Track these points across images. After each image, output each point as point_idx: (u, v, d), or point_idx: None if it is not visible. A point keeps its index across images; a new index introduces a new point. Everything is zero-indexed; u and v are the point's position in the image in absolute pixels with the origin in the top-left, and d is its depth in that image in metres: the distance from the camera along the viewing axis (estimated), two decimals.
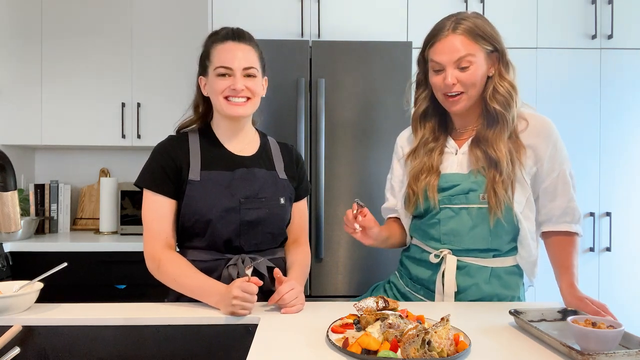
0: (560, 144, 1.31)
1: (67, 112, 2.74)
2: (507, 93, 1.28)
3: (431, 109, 1.39)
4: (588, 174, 2.41)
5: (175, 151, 1.33)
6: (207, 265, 1.29)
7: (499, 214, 1.25)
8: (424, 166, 1.35)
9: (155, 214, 1.28)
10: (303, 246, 1.45)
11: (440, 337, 0.85)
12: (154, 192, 1.29)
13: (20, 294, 1.14)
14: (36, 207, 2.81)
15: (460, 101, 1.29)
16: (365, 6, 2.38)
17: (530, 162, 1.29)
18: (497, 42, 1.28)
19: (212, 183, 1.29)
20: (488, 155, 1.27)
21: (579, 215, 1.31)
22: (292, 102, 2.15)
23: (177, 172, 1.30)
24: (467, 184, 1.30)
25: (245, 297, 1.10)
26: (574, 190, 1.31)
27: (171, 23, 2.76)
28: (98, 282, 2.39)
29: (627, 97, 2.43)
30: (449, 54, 1.26)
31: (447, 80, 1.26)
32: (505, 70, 1.29)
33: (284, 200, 1.36)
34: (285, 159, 1.44)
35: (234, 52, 1.30)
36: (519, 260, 1.32)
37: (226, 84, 1.29)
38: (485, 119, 1.32)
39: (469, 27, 1.26)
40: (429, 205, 1.33)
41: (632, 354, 0.83)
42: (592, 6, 2.41)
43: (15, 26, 2.72)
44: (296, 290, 1.18)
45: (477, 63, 1.26)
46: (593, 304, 1.13)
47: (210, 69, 1.32)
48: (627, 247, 2.42)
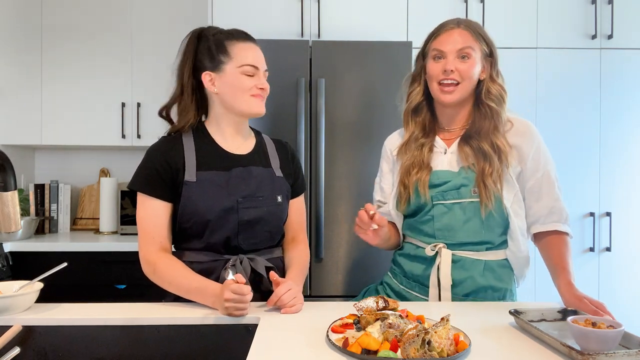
0: (543, 146, 1.36)
1: (67, 112, 2.74)
2: (499, 94, 1.35)
3: (423, 105, 1.43)
4: (588, 174, 2.41)
5: (170, 153, 1.30)
6: (205, 266, 1.28)
7: (490, 206, 1.28)
8: (414, 160, 1.38)
9: (150, 218, 1.27)
10: (301, 244, 1.44)
11: (440, 337, 0.85)
12: (148, 195, 1.27)
13: (20, 294, 1.14)
14: (36, 207, 2.81)
15: (455, 92, 1.33)
16: (365, 6, 2.38)
17: (515, 162, 1.33)
18: (494, 47, 1.36)
19: (209, 183, 1.28)
20: (479, 149, 1.31)
21: (566, 215, 1.34)
22: (292, 102, 2.15)
23: (171, 174, 1.28)
24: (459, 180, 1.33)
25: (237, 299, 1.09)
26: (559, 190, 1.35)
27: (171, 23, 2.76)
28: (98, 282, 2.39)
29: (627, 97, 2.43)
30: (452, 43, 1.32)
31: (448, 65, 1.31)
32: (496, 76, 1.37)
33: (281, 199, 1.35)
34: (281, 156, 1.43)
35: (257, 52, 1.33)
36: (508, 255, 1.35)
37: (253, 82, 1.30)
38: (475, 117, 1.37)
39: (472, 25, 1.36)
40: (420, 202, 1.35)
41: (632, 354, 0.83)
42: (592, 6, 2.41)
43: (16, 26, 2.71)
44: (294, 291, 1.18)
45: (475, 58, 1.33)
46: (592, 304, 1.13)
47: (228, 66, 1.30)
48: (627, 247, 2.41)
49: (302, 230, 1.47)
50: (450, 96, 1.33)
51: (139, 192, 1.29)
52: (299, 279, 1.33)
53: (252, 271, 1.29)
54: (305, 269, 1.39)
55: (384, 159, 1.53)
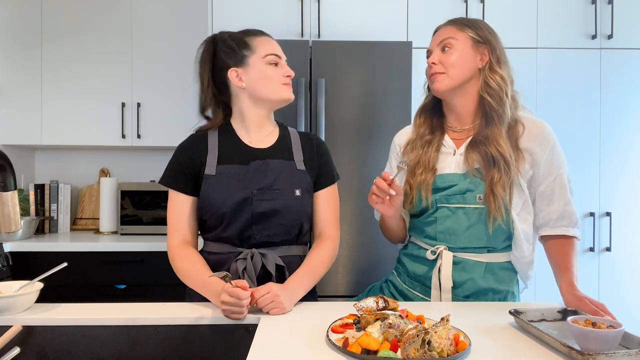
0: (557, 148, 1.33)
1: (67, 112, 2.74)
2: (498, 86, 1.31)
3: (431, 105, 1.45)
4: (588, 174, 2.41)
5: (194, 149, 1.36)
6: (219, 257, 1.32)
7: (499, 219, 1.26)
8: (419, 160, 1.37)
9: (174, 211, 1.34)
10: (327, 240, 1.38)
11: (440, 337, 0.85)
12: (173, 189, 1.34)
13: (20, 294, 1.14)
14: (36, 207, 2.81)
15: (440, 80, 1.34)
16: (365, 6, 2.38)
17: (527, 166, 1.31)
18: (488, 33, 1.35)
19: (227, 177, 1.31)
20: (487, 154, 1.28)
21: (576, 219, 1.32)
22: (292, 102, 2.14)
23: (195, 169, 1.33)
24: (464, 184, 1.31)
25: (233, 302, 1.09)
26: (571, 194, 1.33)
27: (171, 23, 2.76)
28: (98, 282, 2.39)
29: (627, 97, 2.43)
30: (435, 40, 1.39)
31: (430, 59, 1.37)
32: (496, 64, 1.34)
33: (300, 192, 1.34)
34: (306, 149, 1.41)
35: (275, 43, 1.38)
36: (512, 260, 1.34)
37: (280, 71, 1.35)
38: (483, 119, 1.34)
39: (457, 19, 1.39)
40: (422, 204, 1.35)
41: (632, 354, 0.83)
42: (592, 6, 2.41)
43: (16, 26, 2.72)
44: (271, 294, 1.14)
45: (458, 46, 1.33)
46: (592, 304, 1.13)
47: (252, 58, 1.34)
48: (627, 247, 2.41)
49: (330, 224, 1.40)
50: (437, 84, 1.34)
51: (168, 187, 1.35)
52: (299, 282, 1.26)
53: (262, 267, 1.29)
54: (317, 270, 1.32)
55: (392, 155, 1.52)
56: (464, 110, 1.38)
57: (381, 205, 1.27)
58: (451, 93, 1.35)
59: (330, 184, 1.42)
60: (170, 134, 2.75)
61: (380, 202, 1.26)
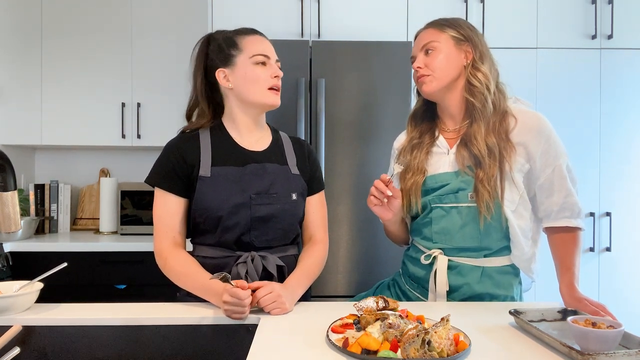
0: (553, 138, 1.30)
1: (67, 112, 2.74)
2: (480, 83, 1.30)
3: (422, 110, 1.46)
4: (588, 174, 2.41)
5: (186, 148, 1.31)
6: (217, 262, 1.29)
7: (488, 217, 1.26)
8: (409, 165, 1.38)
9: (164, 212, 1.29)
10: (318, 244, 1.40)
11: (440, 337, 0.85)
12: (163, 189, 1.29)
13: (20, 294, 1.14)
14: (36, 207, 2.81)
15: (427, 82, 1.34)
16: (365, 6, 2.39)
17: (522, 160, 1.29)
18: (463, 30, 1.34)
19: (223, 179, 1.28)
20: (473, 153, 1.29)
21: (578, 210, 1.30)
22: (292, 102, 2.15)
23: (187, 169, 1.29)
24: (456, 183, 1.31)
25: (234, 302, 1.09)
26: (572, 184, 1.30)
27: (171, 23, 2.76)
28: (98, 282, 2.39)
29: (627, 97, 2.43)
30: (417, 45, 1.39)
31: (415, 64, 1.37)
32: (479, 60, 1.33)
33: (295, 196, 1.34)
34: (298, 153, 1.41)
35: (266, 43, 1.34)
36: (513, 260, 1.33)
37: (267, 73, 1.31)
38: (469, 118, 1.35)
39: (435, 20, 1.39)
40: (413, 210, 1.36)
41: (632, 354, 0.83)
42: (592, 6, 2.41)
43: (15, 26, 2.72)
44: (274, 294, 1.14)
45: (441, 48, 1.33)
46: (592, 305, 1.13)
47: (240, 58, 1.31)
48: (627, 247, 2.42)
49: (320, 228, 1.42)
50: (425, 86, 1.34)
51: (156, 187, 1.30)
52: (298, 282, 1.27)
53: (264, 269, 1.28)
54: (312, 272, 1.34)
55: (392, 160, 1.52)
56: (456, 109, 1.37)
57: (379, 208, 1.29)
58: (440, 93, 1.35)
59: (320, 190, 1.45)
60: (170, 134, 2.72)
61: (378, 203, 1.28)
